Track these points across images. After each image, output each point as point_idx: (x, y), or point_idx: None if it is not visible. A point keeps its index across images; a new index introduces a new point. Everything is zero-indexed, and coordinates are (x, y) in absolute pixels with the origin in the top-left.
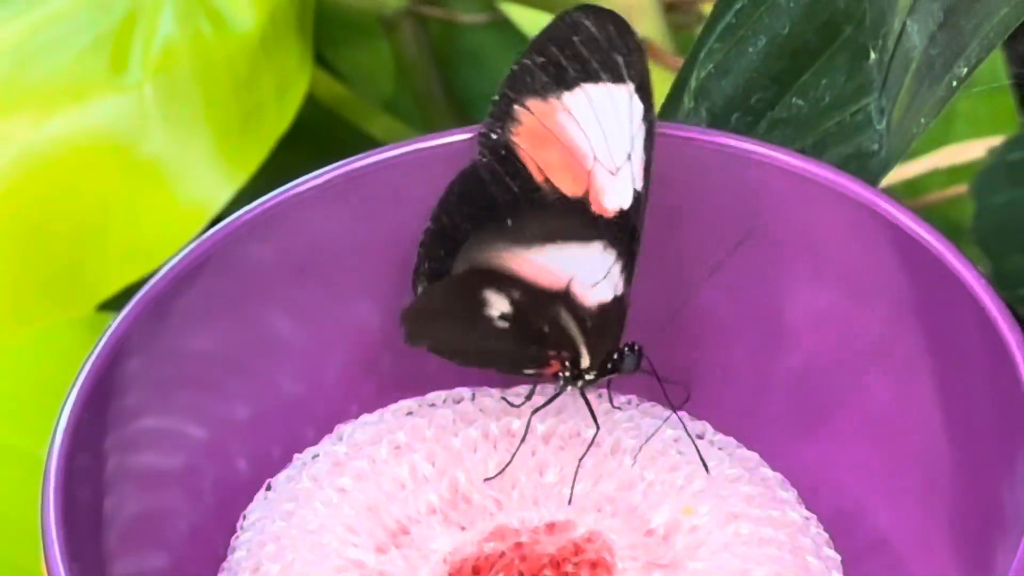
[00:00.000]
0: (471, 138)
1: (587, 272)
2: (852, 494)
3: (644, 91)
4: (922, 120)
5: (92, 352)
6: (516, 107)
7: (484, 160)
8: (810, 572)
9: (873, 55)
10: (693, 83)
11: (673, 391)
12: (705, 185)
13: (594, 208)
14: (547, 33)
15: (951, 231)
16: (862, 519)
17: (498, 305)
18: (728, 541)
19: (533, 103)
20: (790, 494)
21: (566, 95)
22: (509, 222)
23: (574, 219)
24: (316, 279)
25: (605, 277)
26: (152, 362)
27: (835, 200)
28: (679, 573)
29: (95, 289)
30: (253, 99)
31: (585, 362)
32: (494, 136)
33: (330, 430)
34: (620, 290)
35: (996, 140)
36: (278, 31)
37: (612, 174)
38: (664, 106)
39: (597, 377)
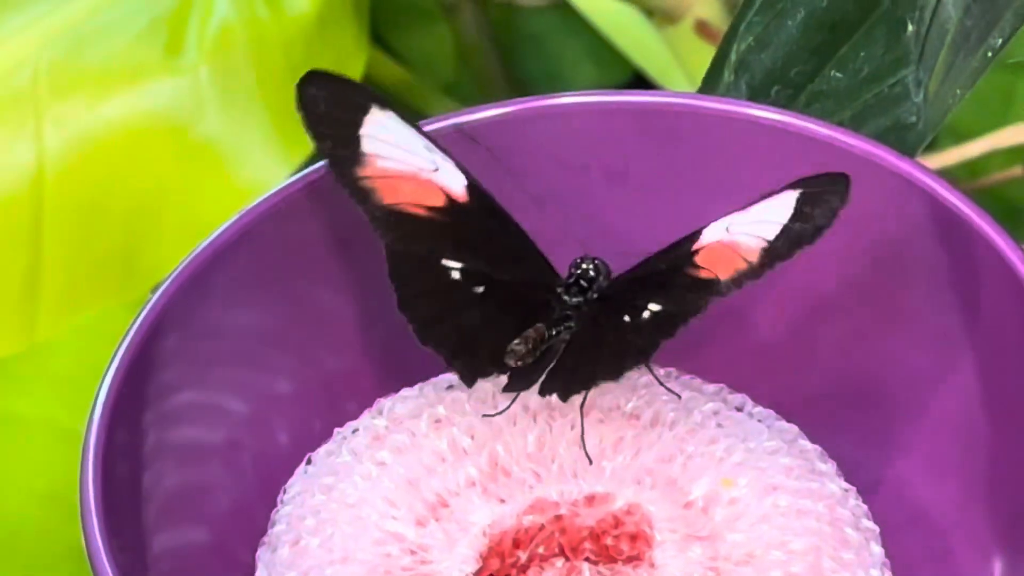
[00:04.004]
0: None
1: None
2: (891, 467)
3: (380, 100)
4: (957, 91)
5: (131, 328)
6: (364, 184)
7: (394, 245)
8: (848, 543)
9: (910, 27)
10: (733, 56)
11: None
12: (741, 158)
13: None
14: (304, 123)
15: (1010, 212)
16: (901, 492)
17: None
18: (767, 513)
19: (360, 171)
20: (828, 466)
21: (362, 145)
22: None
23: None
24: (358, 253)
25: None
26: (192, 337)
27: (872, 172)
28: (718, 545)
29: (150, 271)
30: None
31: None
32: (388, 238)
33: (372, 404)
34: None
35: None
36: (334, 13)
37: (437, 171)
38: (704, 80)
39: None
